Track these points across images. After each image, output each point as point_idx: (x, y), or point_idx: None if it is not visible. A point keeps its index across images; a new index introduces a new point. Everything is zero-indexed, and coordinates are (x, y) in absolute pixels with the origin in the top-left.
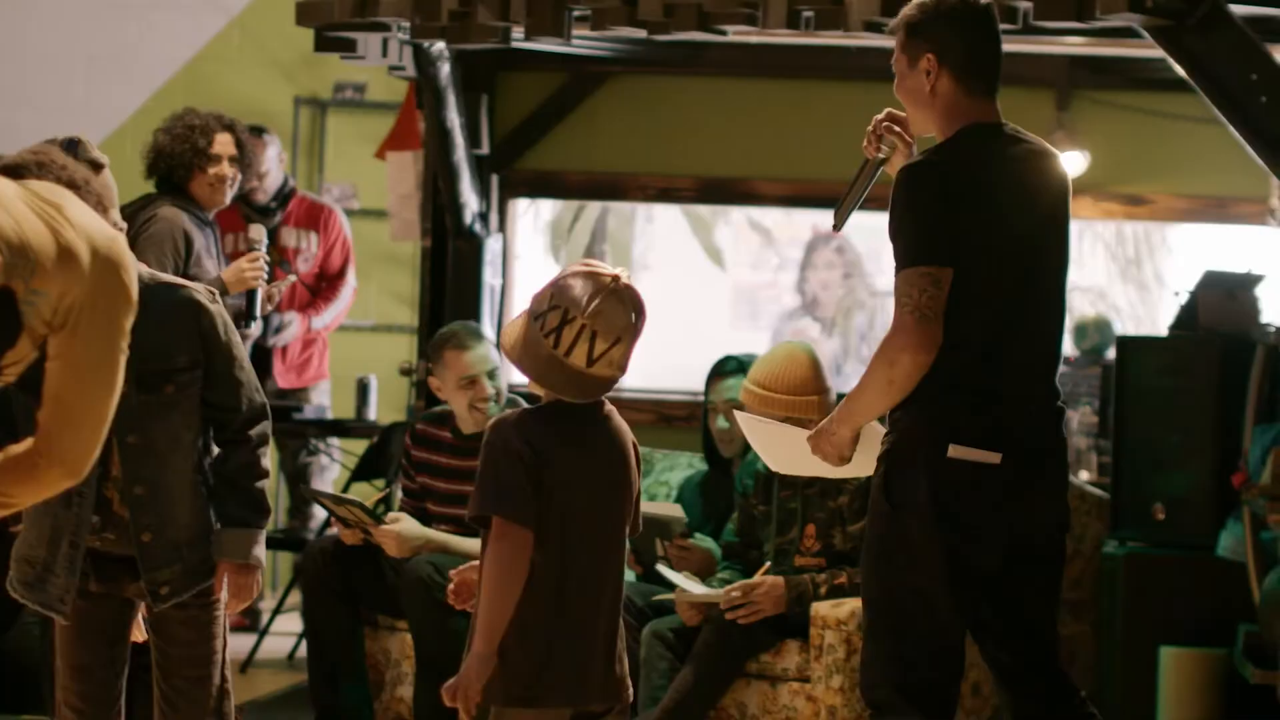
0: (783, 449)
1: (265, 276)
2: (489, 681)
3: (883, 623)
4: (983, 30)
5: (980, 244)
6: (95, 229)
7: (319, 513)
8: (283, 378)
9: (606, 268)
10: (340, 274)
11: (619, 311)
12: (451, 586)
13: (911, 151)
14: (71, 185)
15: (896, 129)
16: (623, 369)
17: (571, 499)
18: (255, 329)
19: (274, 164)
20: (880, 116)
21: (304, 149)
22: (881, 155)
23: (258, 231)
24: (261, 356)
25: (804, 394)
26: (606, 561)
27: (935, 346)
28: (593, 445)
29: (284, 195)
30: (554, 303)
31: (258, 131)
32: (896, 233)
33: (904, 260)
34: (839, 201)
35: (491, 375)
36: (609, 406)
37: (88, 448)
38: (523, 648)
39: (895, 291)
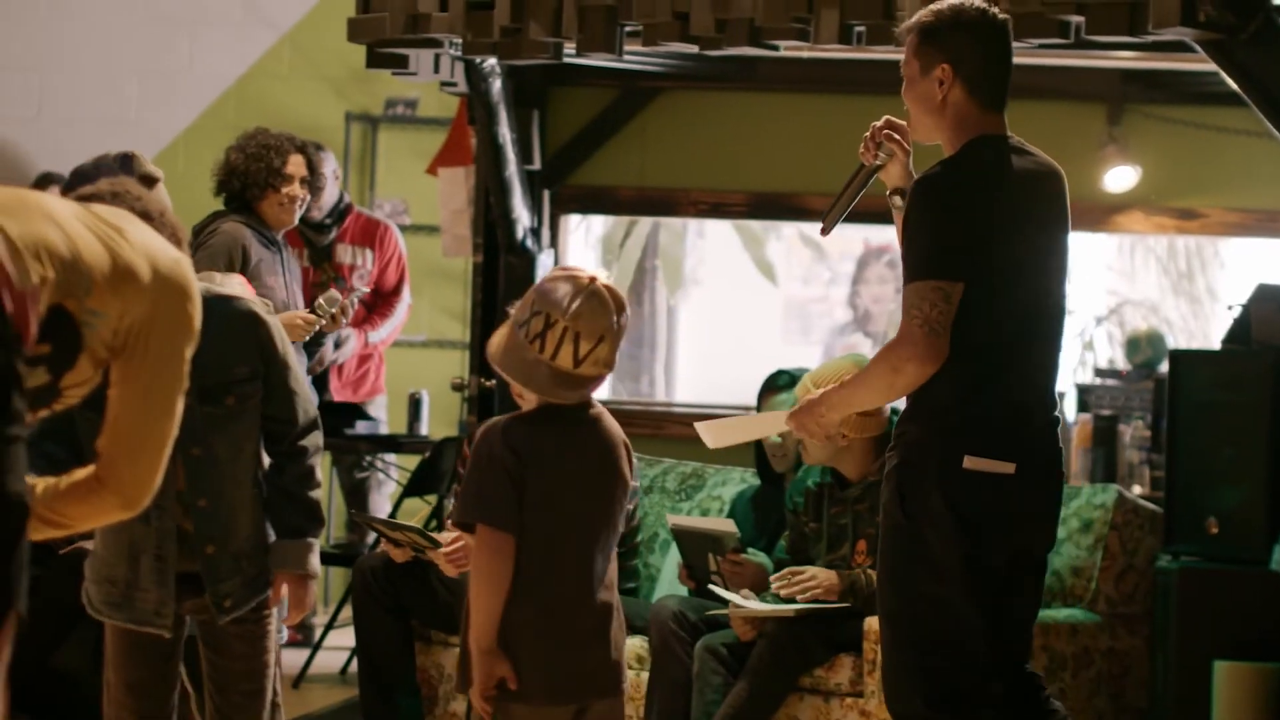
0: (730, 431)
1: (307, 339)
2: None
3: (905, 635)
4: (999, 45)
5: (993, 257)
6: (159, 251)
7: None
8: (339, 393)
9: (584, 270)
10: (396, 290)
11: (600, 312)
12: (445, 551)
13: (908, 159)
14: (145, 217)
15: (896, 136)
16: (610, 366)
17: (561, 500)
18: (329, 351)
19: (329, 180)
20: (879, 123)
21: (355, 165)
22: (878, 162)
23: (330, 299)
24: (319, 372)
25: None
26: (597, 559)
27: (941, 360)
28: (582, 446)
29: (339, 212)
30: (536, 309)
31: (313, 148)
32: (909, 242)
33: (915, 272)
34: (830, 206)
35: None
36: (599, 408)
37: (146, 478)
38: (520, 647)
39: (904, 301)
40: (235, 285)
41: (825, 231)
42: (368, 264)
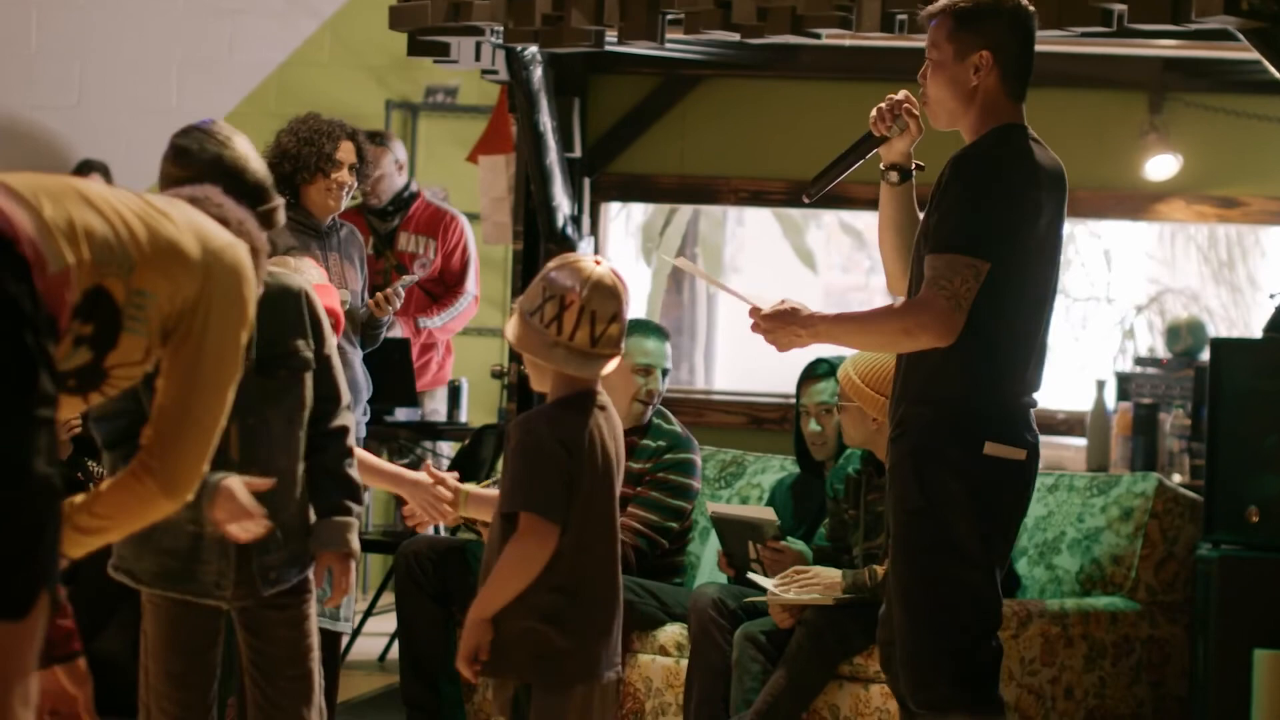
0: (701, 274)
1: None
2: (525, 664)
3: (929, 620)
4: (1031, 37)
5: (1020, 244)
6: (210, 233)
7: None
8: None
9: (585, 257)
10: (460, 281)
11: (612, 293)
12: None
13: (915, 140)
14: (223, 223)
15: (915, 112)
16: (620, 347)
17: (590, 486)
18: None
19: (391, 169)
20: (899, 97)
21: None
22: (890, 134)
23: (394, 292)
24: (405, 360)
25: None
26: (615, 540)
27: (954, 337)
28: (609, 434)
29: (404, 200)
30: (547, 294)
31: (378, 137)
32: (946, 214)
33: (950, 245)
34: (822, 171)
35: (664, 374)
36: (604, 396)
37: (190, 466)
38: (556, 630)
39: (931, 269)
40: (311, 271)
41: (810, 196)
42: (430, 253)
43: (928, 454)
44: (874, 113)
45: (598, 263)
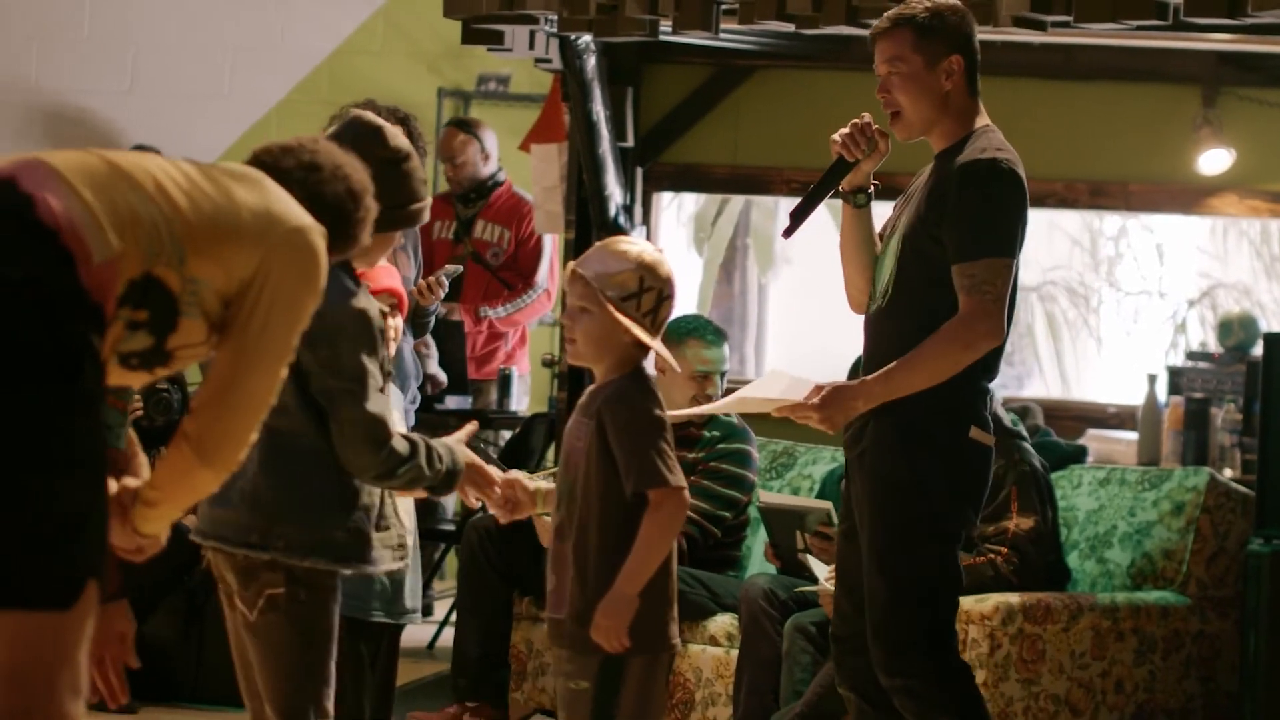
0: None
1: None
2: (639, 635)
3: (908, 591)
4: (975, 32)
5: (1022, 238)
6: (279, 212)
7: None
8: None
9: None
10: (530, 273)
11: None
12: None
13: (881, 160)
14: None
15: (884, 133)
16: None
17: None
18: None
19: (476, 156)
20: (865, 118)
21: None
22: (860, 158)
23: (436, 280)
24: (455, 347)
25: None
26: None
27: (1004, 336)
28: None
29: (485, 188)
30: (646, 284)
31: (466, 125)
32: (969, 219)
33: (985, 249)
34: (799, 206)
35: (722, 376)
36: None
37: (231, 441)
38: (659, 601)
39: (973, 278)
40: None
41: (790, 233)
42: (504, 242)
43: (916, 434)
44: (838, 138)
45: (659, 250)
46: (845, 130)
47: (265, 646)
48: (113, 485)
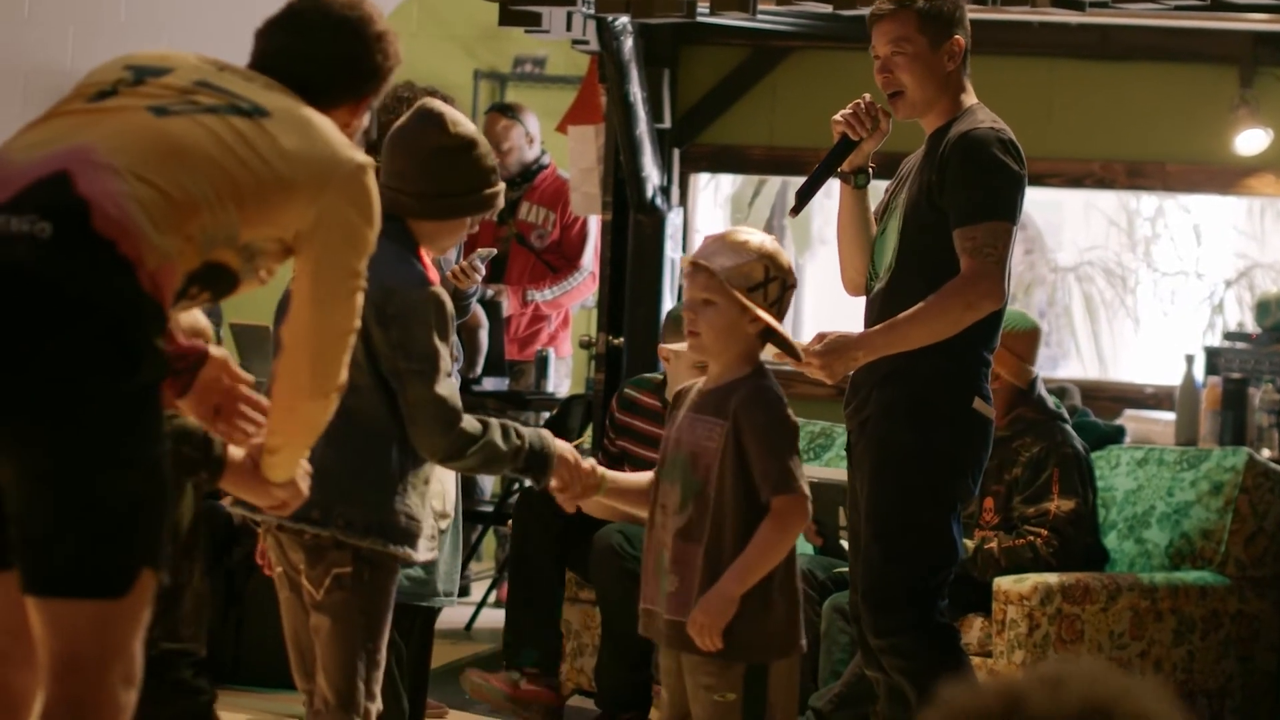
0: None
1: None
2: (768, 641)
3: (907, 554)
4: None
5: (1020, 208)
6: (331, 157)
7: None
8: (505, 349)
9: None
10: (577, 254)
11: None
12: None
13: (882, 139)
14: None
15: (887, 112)
16: None
17: None
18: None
19: (521, 141)
20: (867, 100)
21: (483, 123)
22: (862, 137)
23: (470, 265)
24: (494, 329)
25: None
26: None
27: (1006, 298)
28: None
29: (530, 171)
30: (771, 274)
31: (509, 110)
32: (970, 187)
33: (986, 213)
34: (805, 186)
35: None
36: None
37: (331, 371)
38: (791, 603)
39: (975, 240)
40: None
41: (796, 212)
42: (548, 225)
43: (924, 403)
44: (840, 118)
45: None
46: (848, 110)
47: (333, 624)
48: (236, 452)
